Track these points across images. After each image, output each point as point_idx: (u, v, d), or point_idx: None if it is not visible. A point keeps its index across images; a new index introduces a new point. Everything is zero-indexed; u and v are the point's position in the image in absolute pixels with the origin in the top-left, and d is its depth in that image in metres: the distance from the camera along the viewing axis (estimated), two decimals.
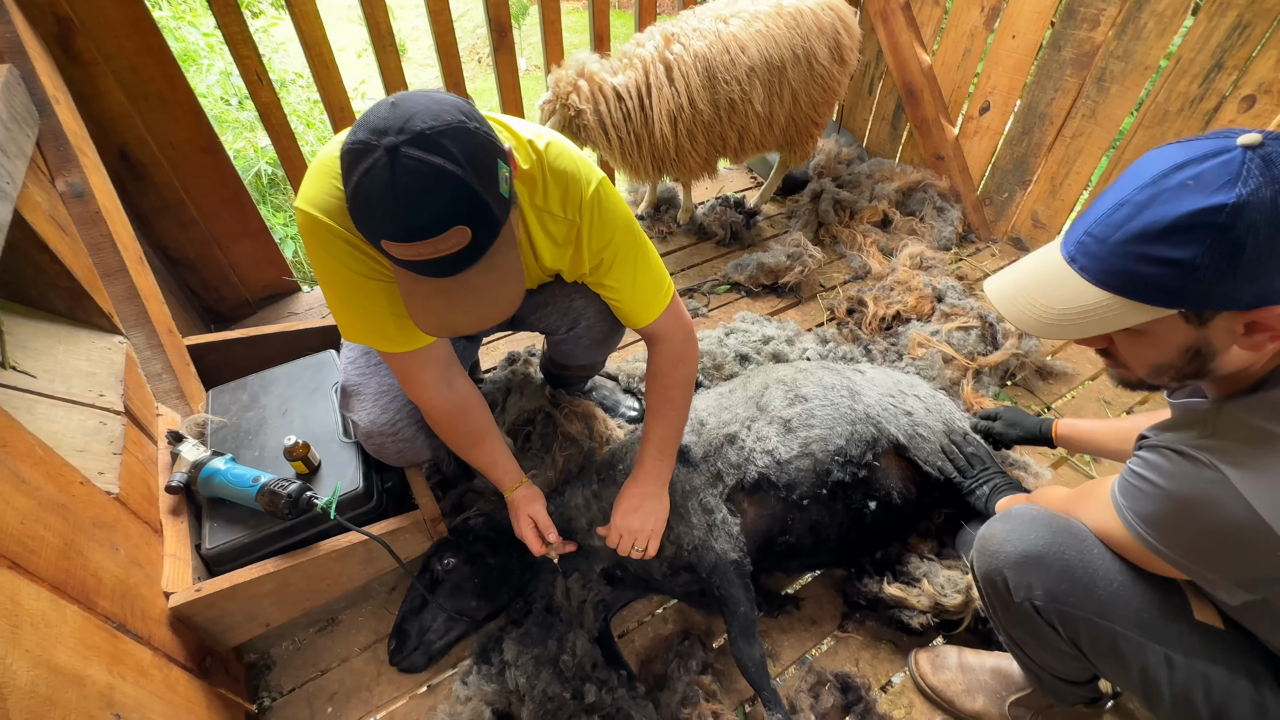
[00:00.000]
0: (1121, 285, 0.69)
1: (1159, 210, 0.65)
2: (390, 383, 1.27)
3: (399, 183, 0.71)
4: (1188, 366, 0.74)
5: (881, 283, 2.25)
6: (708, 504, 1.31)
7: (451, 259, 0.77)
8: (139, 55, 1.63)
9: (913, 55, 2.58)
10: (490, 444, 1.24)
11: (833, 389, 1.42)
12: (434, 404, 1.13)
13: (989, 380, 1.89)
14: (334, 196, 0.92)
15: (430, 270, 0.78)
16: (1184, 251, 0.64)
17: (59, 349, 1.23)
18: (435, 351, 1.10)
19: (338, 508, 1.21)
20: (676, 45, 1.98)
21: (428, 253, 0.75)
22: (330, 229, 0.93)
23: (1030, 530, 0.94)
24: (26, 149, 1.21)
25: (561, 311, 1.29)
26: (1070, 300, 0.73)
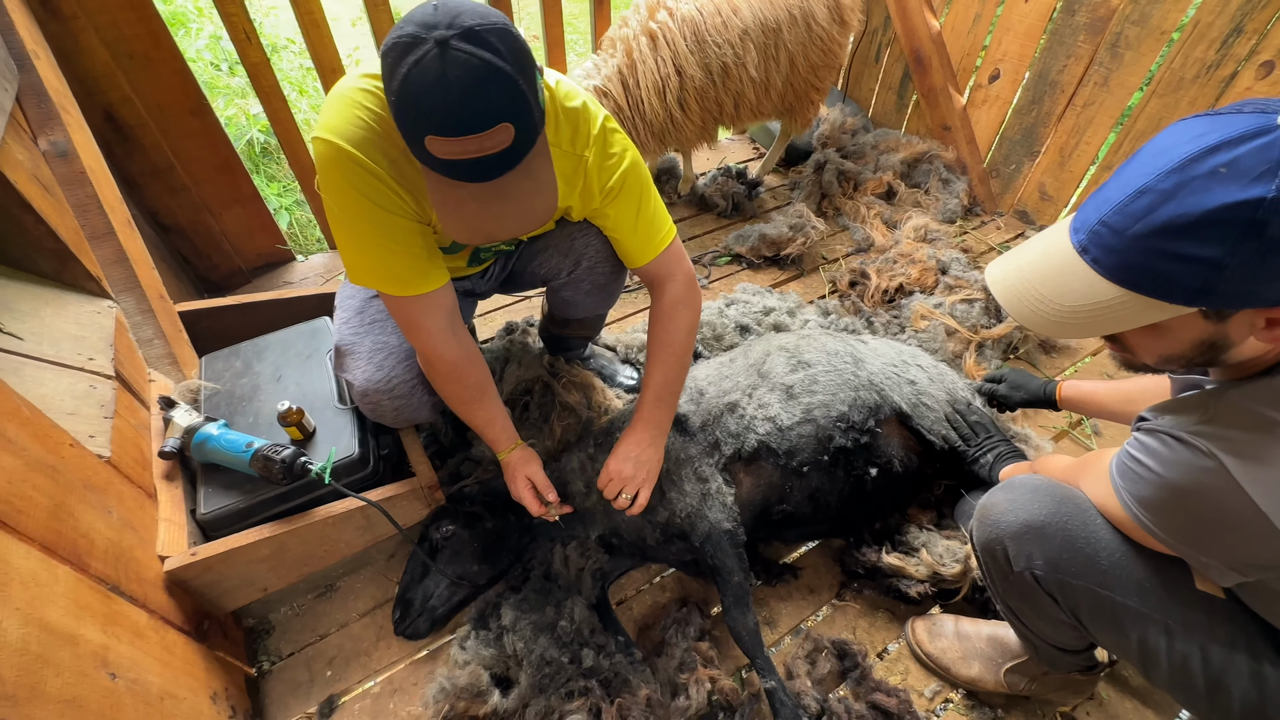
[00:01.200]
0: (1139, 282, 0.64)
1: (1186, 202, 0.59)
2: (385, 340, 1.25)
3: (449, 74, 0.72)
4: (1199, 357, 0.71)
5: (885, 255, 2.21)
6: (702, 473, 1.30)
7: (494, 159, 0.78)
8: (121, 11, 1.57)
9: (921, 21, 2.51)
10: (490, 401, 1.22)
11: (836, 355, 1.40)
12: (439, 352, 1.10)
13: (992, 353, 1.87)
14: (359, 126, 0.91)
15: (471, 172, 0.79)
16: (1211, 249, 0.58)
17: (46, 311, 1.20)
18: (442, 297, 1.07)
19: (333, 474, 1.20)
20: (661, 12, 1.91)
21: (472, 149, 0.76)
22: (355, 158, 0.90)
23: (1032, 500, 0.92)
24: (5, 104, 1.17)
25: (563, 253, 1.28)
26: (1082, 296, 0.68)
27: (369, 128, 0.91)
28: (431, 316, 1.07)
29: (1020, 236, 2.44)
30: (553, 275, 1.34)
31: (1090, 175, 2.24)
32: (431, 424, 1.56)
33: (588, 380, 1.64)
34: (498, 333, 1.86)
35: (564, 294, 1.38)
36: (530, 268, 1.35)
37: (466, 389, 1.17)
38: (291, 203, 2.95)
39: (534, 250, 1.33)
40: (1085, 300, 0.68)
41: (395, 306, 1.06)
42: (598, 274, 1.31)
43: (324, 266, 2.23)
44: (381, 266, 1.00)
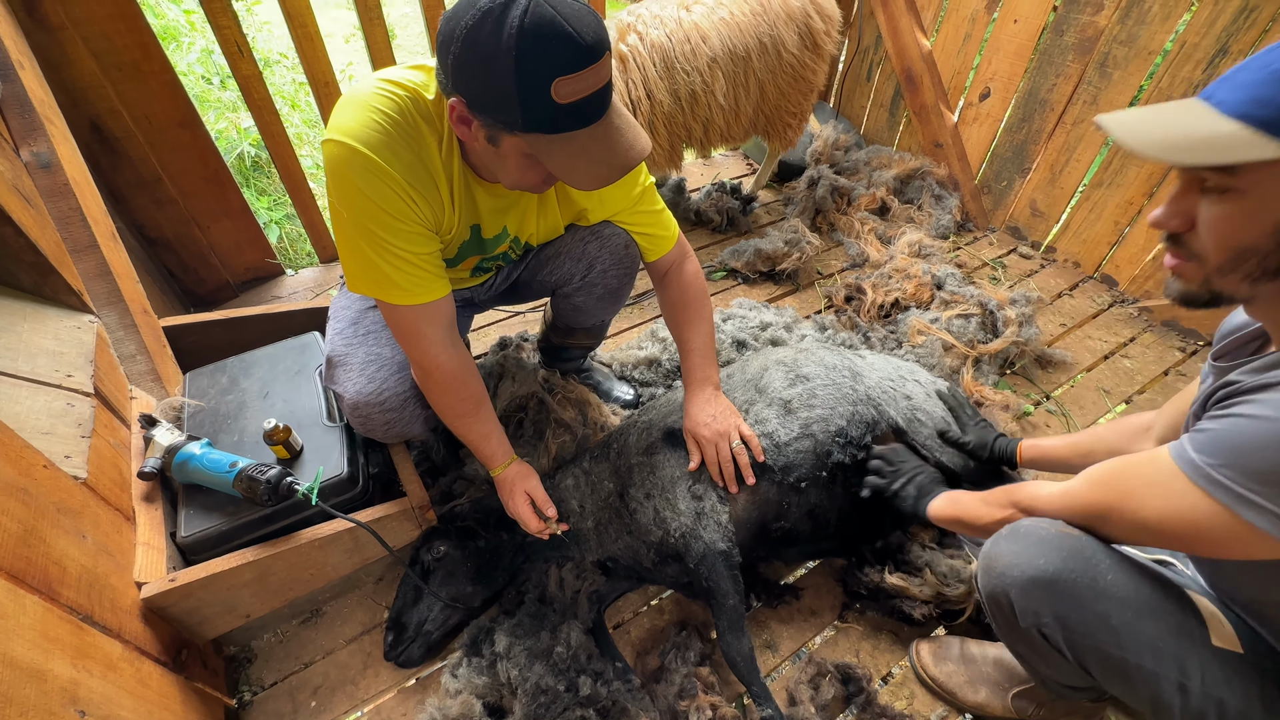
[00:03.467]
0: (1261, 116, 0.61)
1: None
2: (379, 352, 1.22)
3: (562, 13, 0.76)
4: (1274, 255, 0.65)
5: (880, 270, 2.21)
6: (696, 491, 1.27)
7: (606, 89, 0.83)
8: (111, 21, 1.55)
9: (913, 40, 2.54)
10: (485, 415, 1.19)
11: (834, 369, 1.38)
12: (437, 363, 1.08)
13: (988, 368, 1.86)
14: (373, 128, 0.90)
15: (593, 108, 0.82)
16: None
17: (24, 326, 1.16)
18: (443, 308, 1.05)
19: (320, 494, 1.16)
20: (632, 36, 1.91)
21: (594, 81, 0.80)
22: (369, 160, 0.89)
23: (1040, 552, 0.86)
24: None
25: (575, 258, 1.28)
26: (1198, 128, 0.65)
27: (383, 129, 0.90)
28: (430, 326, 1.04)
29: (1012, 252, 2.46)
30: (564, 281, 1.32)
31: (1081, 191, 2.26)
32: (423, 441, 1.52)
33: (583, 396, 1.61)
34: (491, 348, 1.83)
35: (575, 300, 1.36)
36: (540, 275, 1.34)
37: (462, 401, 1.14)
38: (281, 216, 2.92)
39: (543, 258, 1.31)
40: (1198, 131, 0.65)
41: (394, 316, 1.04)
42: (610, 278, 1.31)
43: (313, 281, 2.20)
44: (383, 274, 0.97)
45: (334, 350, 1.24)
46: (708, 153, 2.92)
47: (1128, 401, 1.90)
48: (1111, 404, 1.88)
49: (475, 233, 1.13)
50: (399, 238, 0.95)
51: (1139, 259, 2.18)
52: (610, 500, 1.34)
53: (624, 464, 1.36)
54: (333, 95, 1.96)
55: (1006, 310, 1.97)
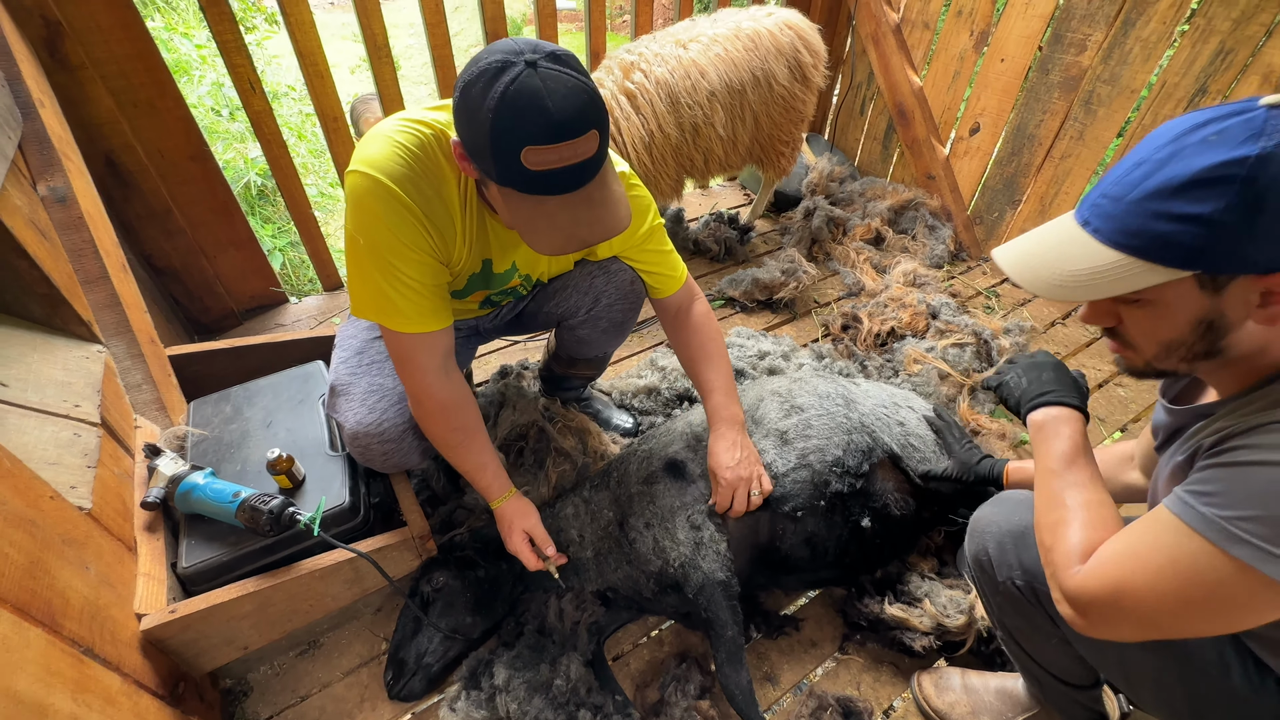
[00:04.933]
0: (1137, 245, 0.65)
1: (1179, 165, 0.62)
2: (381, 383, 1.23)
3: (547, 86, 0.79)
4: (1199, 343, 0.69)
5: (876, 299, 2.25)
6: (695, 520, 1.28)
7: (584, 165, 0.84)
8: (129, 61, 1.61)
9: (904, 77, 2.62)
10: (479, 446, 1.20)
11: (828, 397, 1.40)
12: (431, 392, 1.09)
13: (984, 397, 1.88)
14: (397, 163, 0.94)
15: (564, 180, 0.84)
16: (1203, 206, 0.60)
17: (33, 357, 1.18)
18: (441, 339, 1.08)
19: (323, 524, 1.17)
20: (637, 74, 1.99)
21: (568, 156, 0.82)
22: (392, 192, 0.94)
23: (1016, 510, 0.95)
24: (7, 151, 1.18)
25: (583, 291, 1.31)
26: (1082, 262, 0.69)
27: (406, 164, 0.95)
28: (426, 355, 1.06)
29: (1005, 281, 2.50)
30: (570, 314, 1.35)
31: None
32: (423, 470, 1.53)
33: (584, 425, 1.62)
34: (492, 376, 1.85)
35: (580, 332, 1.39)
36: (546, 308, 1.37)
37: (453, 432, 1.15)
38: (285, 244, 2.97)
39: (550, 291, 1.35)
40: (1085, 265, 0.69)
41: (393, 341, 1.06)
42: (615, 311, 1.34)
43: (316, 308, 2.22)
44: (389, 300, 1.00)
45: (337, 379, 1.25)
46: (706, 182, 3.00)
47: (1123, 430, 1.91)
48: (1106, 432, 1.90)
49: (486, 267, 1.16)
50: (410, 266, 0.99)
51: None
52: (610, 530, 1.34)
53: (624, 493, 1.37)
54: (341, 130, 2.01)
55: (1001, 339, 2.00)
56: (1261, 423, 0.66)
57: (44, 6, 1.44)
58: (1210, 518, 0.64)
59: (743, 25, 2.11)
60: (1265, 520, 0.61)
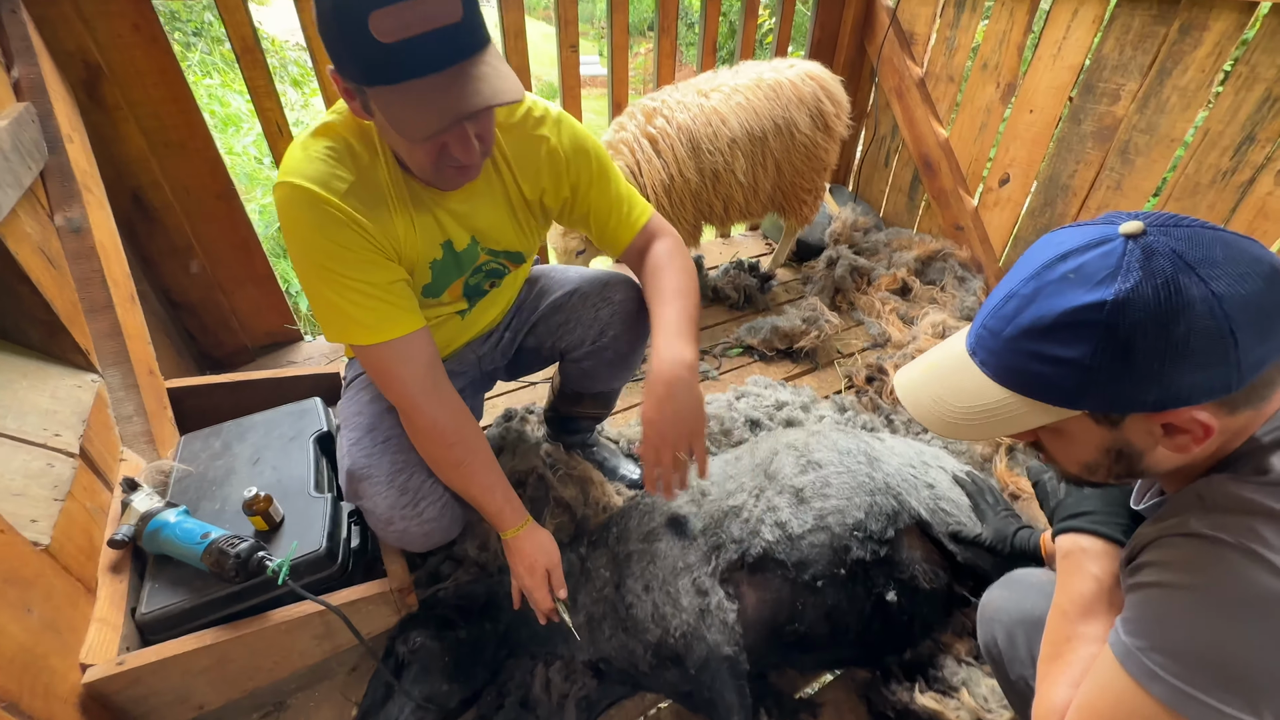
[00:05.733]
0: (1019, 383, 0.62)
1: (1043, 305, 0.58)
2: (404, 459, 1.13)
3: None
4: (1116, 466, 0.65)
5: (902, 350, 2.14)
6: (702, 584, 1.15)
7: (447, 33, 0.73)
8: (164, 103, 1.67)
9: (929, 129, 2.59)
10: (483, 465, 1.08)
11: (849, 454, 1.29)
12: (416, 405, 1.01)
13: (1024, 458, 1.73)
14: (314, 162, 0.90)
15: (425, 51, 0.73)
16: (1073, 350, 0.57)
17: (23, 384, 1.16)
18: (416, 344, 1.00)
19: (295, 571, 1.09)
20: (659, 119, 2.00)
21: (421, 16, 0.70)
22: (314, 194, 0.89)
23: (1028, 595, 0.88)
24: (24, 180, 1.20)
25: (587, 324, 1.25)
26: (973, 397, 0.66)
27: (325, 160, 0.91)
28: (404, 365, 0.99)
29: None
30: (574, 347, 1.29)
31: None
32: None
33: (586, 474, 1.53)
34: (496, 420, 1.78)
35: (584, 365, 1.32)
36: (549, 342, 1.31)
37: (453, 450, 1.05)
38: None
39: (553, 324, 1.29)
40: (976, 401, 0.65)
41: (367, 360, 1.00)
42: (621, 343, 1.28)
43: (330, 347, 2.21)
44: (345, 314, 0.94)
45: (355, 463, 1.13)
46: (727, 230, 2.97)
47: None
48: None
49: (448, 250, 1.08)
50: (352, 268, 0.92)
51: None
52: (605, 592, 1.22)
53: (622, 550, 1.26)
54: None
55: None
56: (1161, 534, 0.61)
57: (86, 51, 1.51)
58: (1130, 649, 0.58)
59: (764, 76, 2.12)
60: (1174, 653, 0.55)
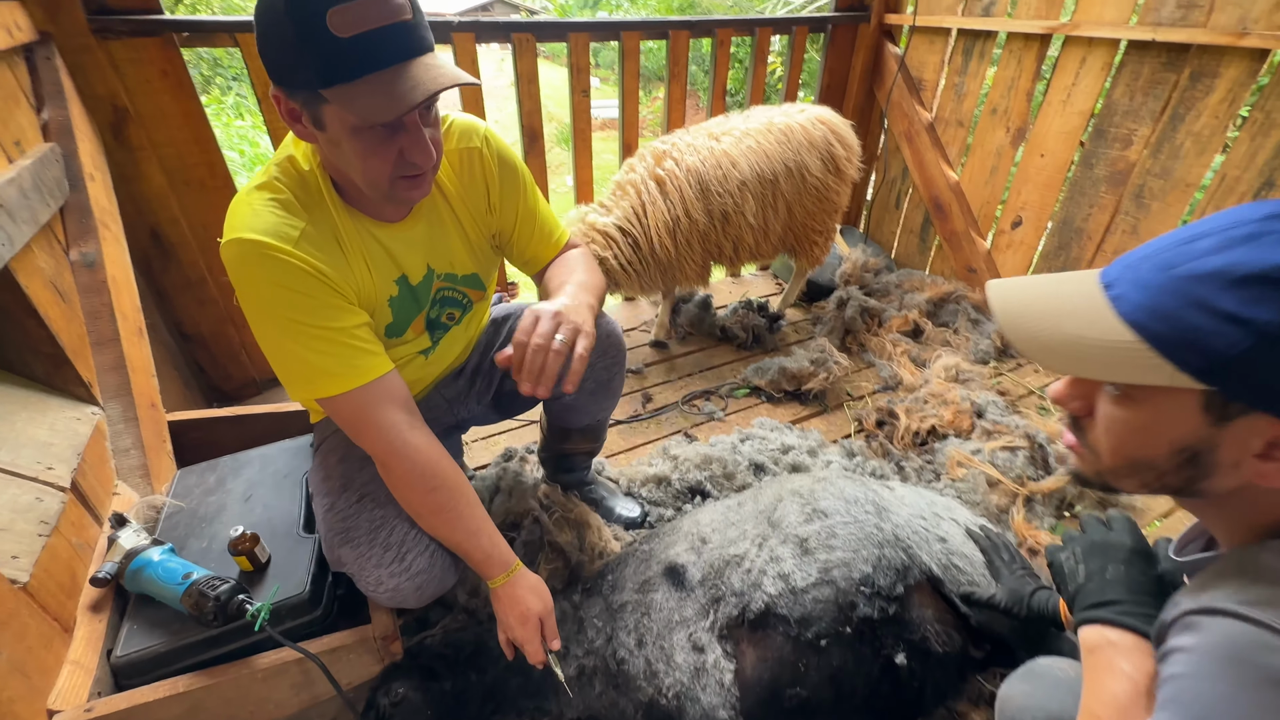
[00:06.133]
0: (1158, 332, 0.52)
1: (1257, 252, 0.48)
2: (382, 514, 1.09)
3: None
4: (1174, 474, 0.57)
5: (914, 394, 2.08)
6: (698, 640, 1.10)
7: (402, 28, 0.78)
8: (187, 144, 1.73)
9: (939, 172, 2.59)
10: (469, 505, 1.03)
11: (856, 503, 1.23)
12: (393, 449, 0.97)
13: (1043, 510, 1.65)
14: (259, 214, 0.89)
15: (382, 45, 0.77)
16: (1260, 311, 0.48)
17: (21, 416, 1.16)
18: (388, 387, 0.97)
19: (276, 615, 1.05)
20: (668, 161, 2.03)
21: (377, 13, 0.75)
22: (262, 244, 0.86)
23: (1054, 694, 0.80)
24: (41, 217, 1.23)
25: None
26: (1087, 327, 0.56)
27: (271, 210, 0.89)
28: (378, 410, 0.96)
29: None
30: None
31: None
32: None
33: (583, 517, 1.48)
34: (495, 459, 1.75)
35: (565, 399, 1.29)
36: None
37: (434, 494, 1.01)
38: None
39: None
40: (1088, 332, 0.56)
41: (338, 411, 0.96)
42: (599, 370, 1.25)
43: None
44: (311, 365, 0.92)
45: (331, 530, 1.09)
46: (738, 270, 2.97)
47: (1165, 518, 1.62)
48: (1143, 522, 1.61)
49: (404, 285, 1.07)
50: (315, 315, 0.91)
51: None
52: (597, 644, 1.17)
53: (617, 600, 1.20)
54: None
55: (1058, 444, 1.79)
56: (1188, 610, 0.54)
57: (115, 95, 1.58)
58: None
59: (775, 120, 2.14)
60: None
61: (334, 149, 0.88)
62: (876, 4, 2.60)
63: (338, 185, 0.97)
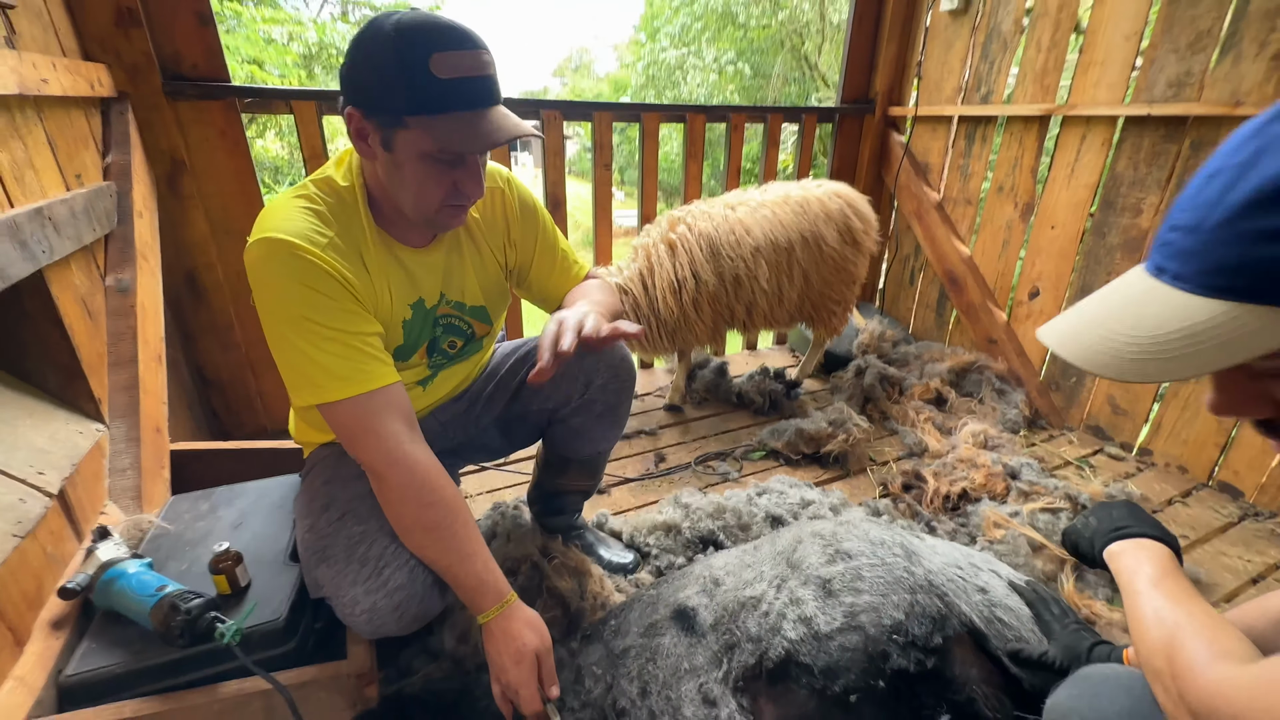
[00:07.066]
0: (1242, 285, 0.45)
1: (1270, 164, 0.43)
2: (361, 530, 1.03)
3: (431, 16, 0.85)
4: None
5: (942, 459, 1.98)
6: (710, 692, 0.96)
7: (489, 80, 0.89)
8: (233, 197, 1.85)
9: (951, 247, 2.64)
10: (465, 525, 0.97)
11: (882, 545, 1.13)
12: (393, 460, 0.93)
13: (1096, 580, 1.49)
14: (293, 218, 0.92)
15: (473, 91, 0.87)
16: None
17: (25, 422, 1.15)
18: (394, 396, 0.96)
19: (247, 642, 0.96)
20: (681, 226, 2.10)
21: (475, 65, 0.86)
22: (294, 245, 0.89)
23: (1101, 692, 0.71)
24: (84, 238, 1.30)
25: (571, 377, 1.22)
26: (1165, 322, 0.49)
27: (304, 216, 0.93)
28: (381, 418, 0.93)
29: (1099, 452, 2.17)
30: (563, 404, 1.25)
31: (1166, 387, 2.05)
32: None
33: (583, 566, 1.38)
34: (486, 510, 1.67)
35: (573, 422, 1.27)
36: (536, 404, 1.27)
37: (431, 509, 0.94)
38: None
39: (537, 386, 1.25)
40: (1173, 325, 0.48)
41: (338, 416, 0.93)
42: (610, 392, 1.24)
43: None
44: (320, 367, 0.90)
45: (309, 548, 1.04)
46: (754, 339, 2.97)
47: None
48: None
49: (419, 309, 1.09)
50: (332, 317, 0.91)
51: (1263, 464, 1.85)
52: (594, 695, 1.04)
53: (618, 645, 1.08)
54: None
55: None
56: None
57: (176, 150, 1.72)
58: None
59: (791, 194, 2.23)
60: None
61: (393, 170, 0.94)
62: (880, 98, 2.79)
63: (373, 205, 1.02)
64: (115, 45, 1.56)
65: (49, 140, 1.28)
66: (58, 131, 1.32)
